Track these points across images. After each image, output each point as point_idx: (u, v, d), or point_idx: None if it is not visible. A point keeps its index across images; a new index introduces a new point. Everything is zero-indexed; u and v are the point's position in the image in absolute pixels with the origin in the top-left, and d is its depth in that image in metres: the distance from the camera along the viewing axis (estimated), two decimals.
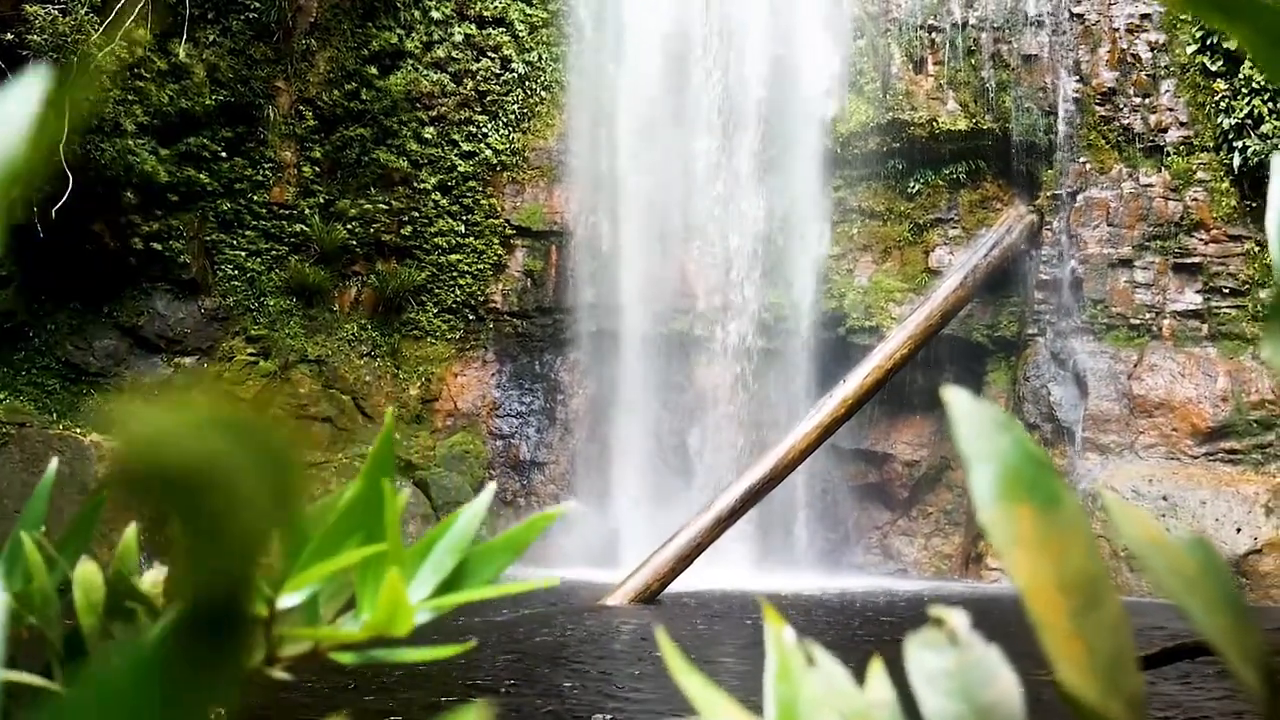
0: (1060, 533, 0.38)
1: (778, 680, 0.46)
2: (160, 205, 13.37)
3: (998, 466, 0.39)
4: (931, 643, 0.43)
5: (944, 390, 0.43)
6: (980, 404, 0.41)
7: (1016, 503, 0.39)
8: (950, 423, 0.41)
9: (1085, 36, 12.97)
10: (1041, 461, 0.39)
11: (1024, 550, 0.38)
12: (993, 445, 0.39)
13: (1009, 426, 0.40)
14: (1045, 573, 0.37)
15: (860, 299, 13.69)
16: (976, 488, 0.39)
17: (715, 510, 10.81)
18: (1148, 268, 12.55)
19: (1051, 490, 0.39)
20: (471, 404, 14.68)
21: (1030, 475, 0.39)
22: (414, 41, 14.53)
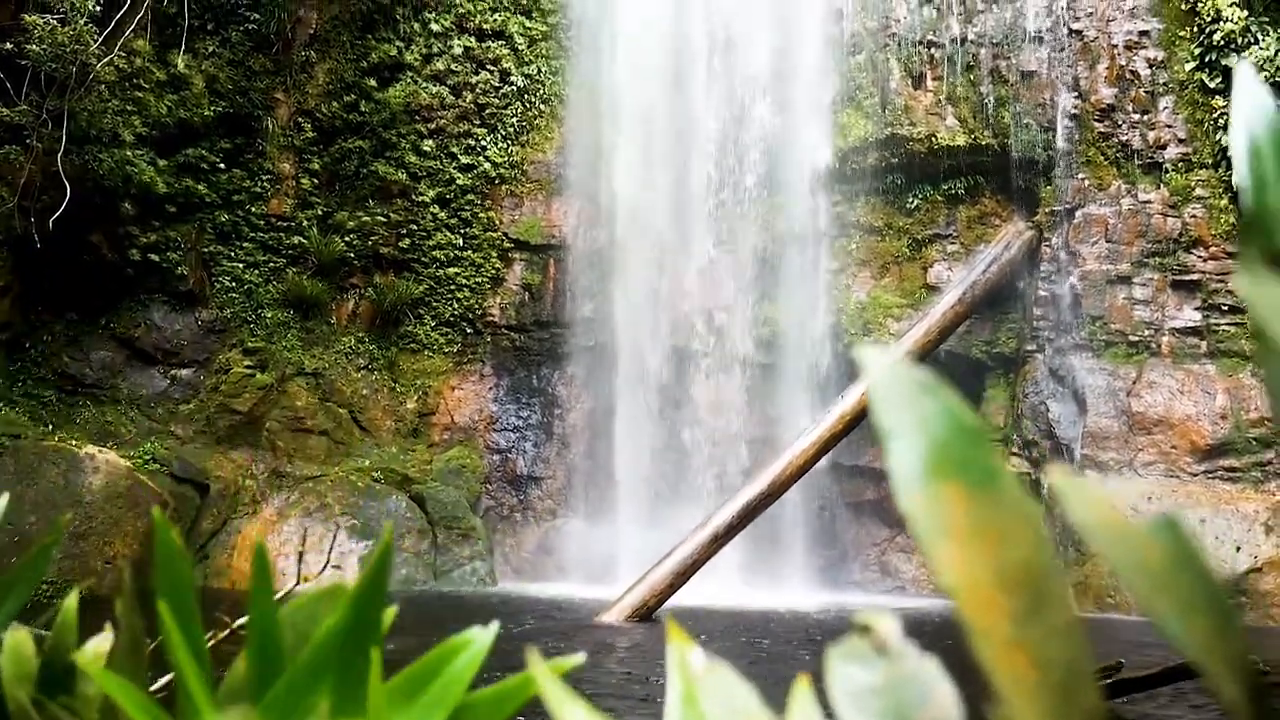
0: (999, 517, 0.32)
1: (683, 705, 0.40)
2: (158, 216, 13.33)
3: (922, 439, 0.33)
4: (857, 655, 0.36)
5: (860, 348, 0.37)
6: (900, 365, 0.35)
7: (944, 482, 0.33)
8: (867, 386, 0.35)
9: (1084, 53, 12.96)
10: (974, 432, 0.33)
11: (954, 540, 0.32)
12: (915, 414, 0.33)
13: (935, 391, 0.34)
14: (981, 567, 0.31)
15: (858, 314, 13.65)
16: (896, 465, 0.33)
17: (712, 526, 10.75)
18: (1146, 284, 12.50)
19: (986, 466, 0.33)
20: (469, 418, 14.62)
21: (961, 448, 0.33)
22: (413, 54, 14.53)
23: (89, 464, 10.82)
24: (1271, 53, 11.70)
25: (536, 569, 13.95)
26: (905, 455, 0.33)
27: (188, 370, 13.73)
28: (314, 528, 12.48)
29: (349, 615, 0.51)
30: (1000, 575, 0.31)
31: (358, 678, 0.50)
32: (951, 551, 0.32)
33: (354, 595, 0.53)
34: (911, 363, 0.35)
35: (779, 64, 13.77)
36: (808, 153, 13.71)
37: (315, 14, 14.27)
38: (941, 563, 0.32)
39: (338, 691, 0.50)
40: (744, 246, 13.85)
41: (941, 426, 0.34)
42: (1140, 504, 11.54)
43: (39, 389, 12.95)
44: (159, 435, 13.08)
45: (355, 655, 0.50)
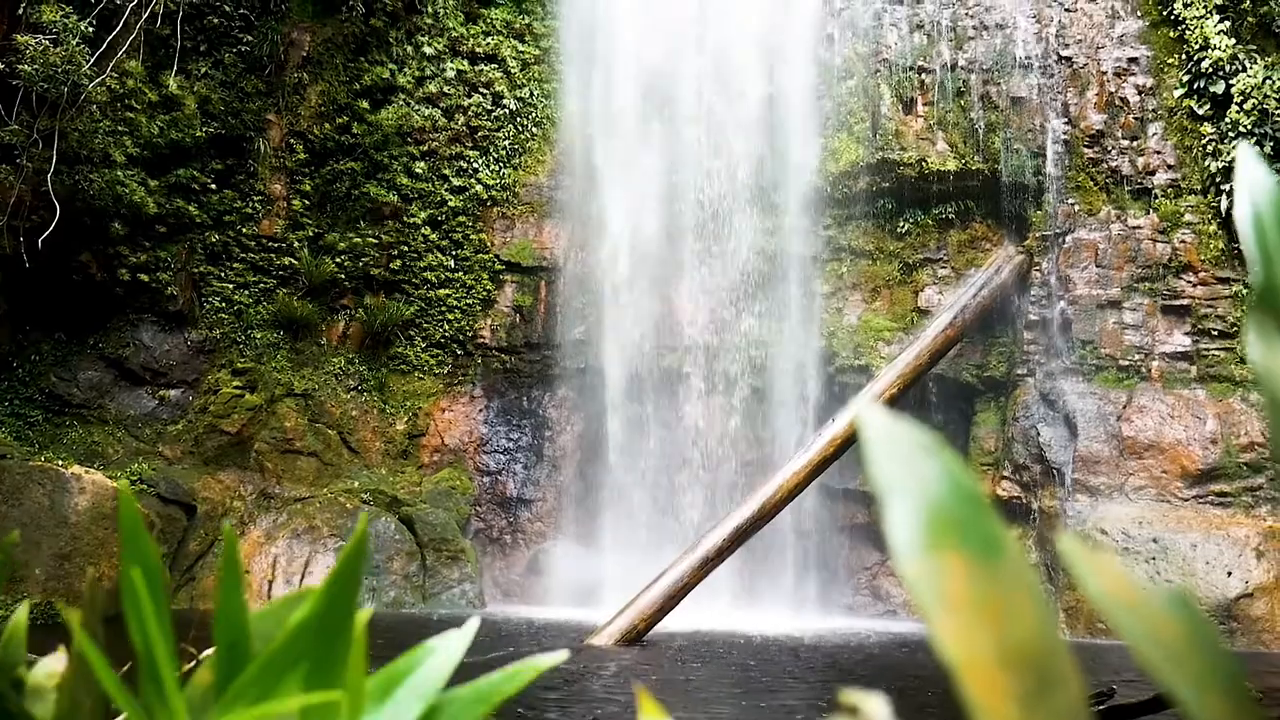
0: (1002, 591, 0.30)
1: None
2: (148, 236, 13.30)
3: (921, 502, 0.31)
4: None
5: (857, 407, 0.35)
6: (899, 425, 0.33)
7: (945, 550, 0.31)
8: (863, 446, 0.33)
9: (1073, 79, 13.05)
10: (975, 497, 0.31)
11: (955, 613, 0.30)
12: (914, 476, 0.31)
13: (935, 453, 0.32)
14: (983, 644, 0.28)
15: (849, 338, 13.66)
16: (893, 530, 0.31)
17: (702, 550, 10.69)
18: (1136, 309, 12.54)
19: (988, 535, 0.31)
20: (459, 440, 14.56)
21: (962, 515, 0.31)
22: (406, 76, 14.56)
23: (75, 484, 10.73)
24: (1259, 80, 11.79)
25: (526, 591, 13.87)
26: (903, 520, 0.31)
27: (176, 391, 13.66)
28: (302, 549, 12.40)
29: (322, 602, 0.49)
30: (1004, 653, 0.29)
31: (332, 666, 0.47)
32: (952, 625, 0.29)
33: (328, 583, 0.51)
34: (911, 424, 0.33)
35: (770, 88, 13.83)
36: (799, 176, 13.75)
37: (308, 36, 14.30)
38: (942, 636, 0.30)
39: (311, 681, 0.48)
40: (735, 269, 13.87)
41: (941, 490, 0.31)
42: (1131, 528, 11.52)
43: (26, 409, 12.86)
44: (146, 456, 13.00)
45: (329, 643, 0.48)
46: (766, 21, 13.81)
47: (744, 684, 7.54)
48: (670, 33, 13.98)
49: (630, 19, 13.98)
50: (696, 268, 13.97)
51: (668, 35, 13.97)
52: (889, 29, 13.69)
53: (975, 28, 13.45)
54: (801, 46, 13.84)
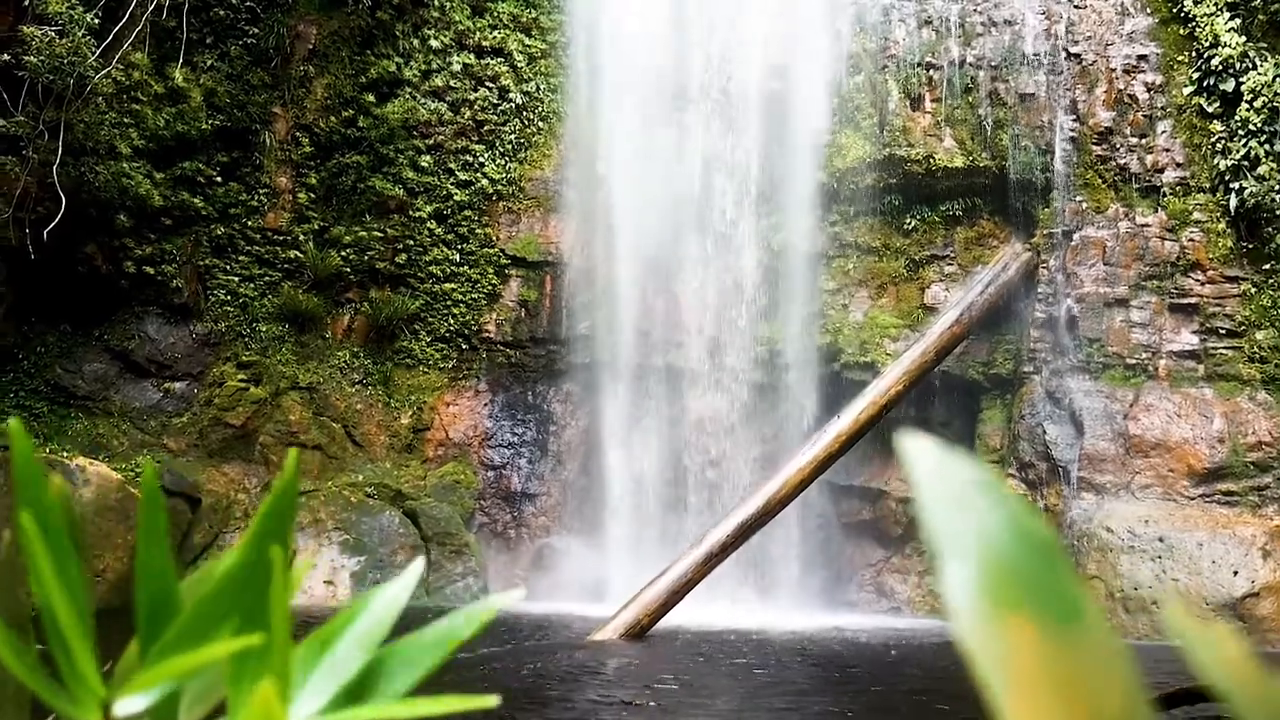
0: (1081, 663, 0.26)
1: None
2: (154, 229, 13.29)
3: (982, 555, 0.28)
4: None
5: (902, 440, 0.31)
6: (954, 458, 0.29)
7: (1013, 614, 0.27)
8: (912, 486, 0.30)
9: (1082, 76, 12.99)
10: (1048, 548, 0.27)
11: (1025, 691, 0.25)
12: (973, 524, 0.28)
13: (997, 494, 0.28)
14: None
15: (855, 334, 13.62)
16: (950, 588, 0.27)
17: (707, 545, 10.68)
18: (1144, 307, 12.49)
19: (1066, 594, 0.27)
20: (463, 434, 14.55)
21: (1033, 570, 0.27)
22: (412, 70, 14.53)
23: (80, 476, 10.74)
24: (1269, 78, 11.72)
25: (530, 586, 13.85)
26: (961, 577, 0.27)
27: (181, 383, 13.66)
28: (306, 543, 12.41)
29: (250, 548, 0.46)
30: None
31: (265, 616, 0.44)
32: (1023, 705, 0.25)
33: (254, 526, 0.48)
34: (964, 457, 0.30)
35: (776, 84, 13.78)
36: (805, 172, 13.71)
37: (314, 29, 14.27)
38: (1009, 715, 0.26)
39: (242, 632, 0.45)
40: (741, 265, 13.83)
41: (1006, 540, 0.28)
42: (1137, 527, 11.49)
43: (31, 401, 12.87)
44: (151, 448, 13.00)
45: (260, 592, 0.45)
46: (774, 16, 13.76)
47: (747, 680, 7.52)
48: (677, 27, 13.93)
49: (636, 13, 13.93)
50: (702, 263, 13.93)
51: (674, 29, 13.92)
52: (897, 25, 13.63)
53: (984, 24, 13.39)
54: (809, 42, 13.78)
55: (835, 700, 6.91)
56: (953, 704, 6.62)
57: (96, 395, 13.24)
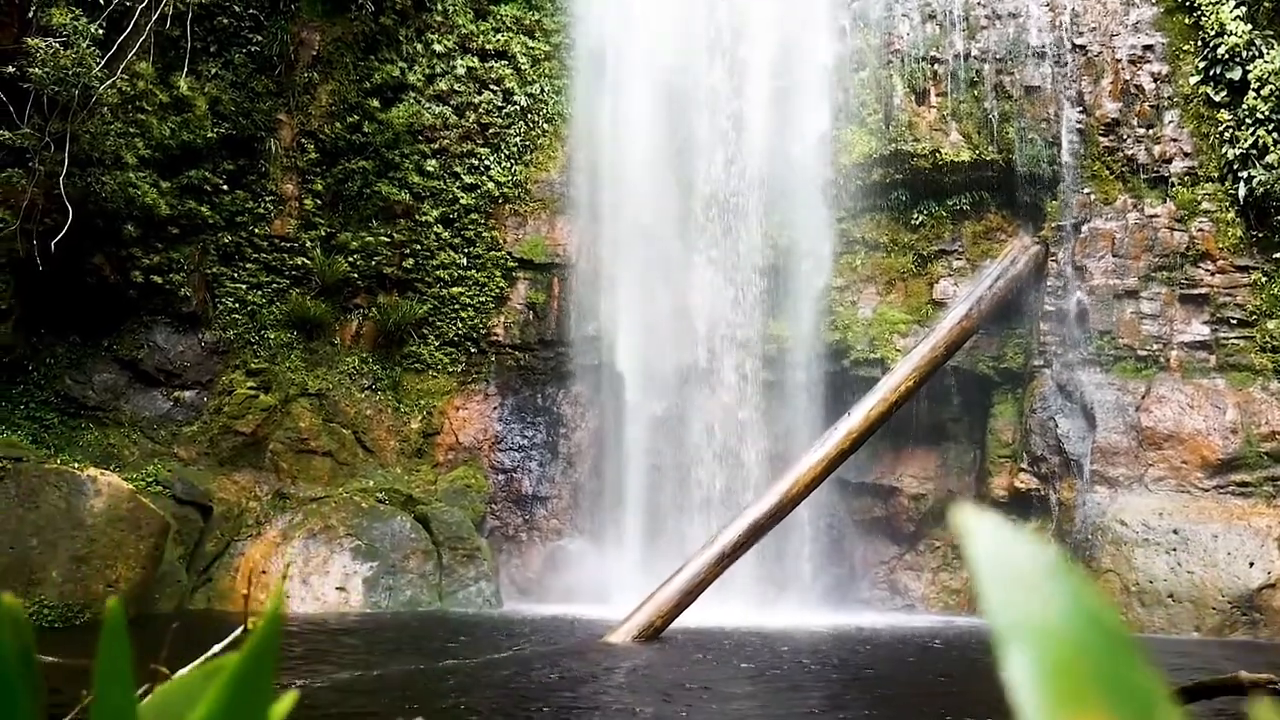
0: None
1: None
2: (161, 238, 13.31)
3: (1050, 647, 0.25)
4: None
5: (957, 513, 0.29)
6: (1017, 535, 0.26)
7: (1085, 713, 0.24)
8: (968, 566, 0.27)
9: (1088, 68, 12.92)
10: (1121, 639, 0.24)
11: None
12: (1038, 610, 0.26)
13: (1064, 578, 0.25)
14: None
15: (864, 331, 13.58)
16: (1016, 684, 0.25)
17: (719, 545, 10.65)
18: (1154, 299, 12.43)
19: (1141, 691, 0.25)
20: (473, 438, 14.55)
21: (1105, 664, 0.25)
22: (416, 74, 14.53)
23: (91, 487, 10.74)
24: (1277, 65, 11.65)
25: (542, 589, 13.85)
26: (1028, 671, 0.25)
27: (191, 392, 13.67)
28: (318, 549, 12.41)
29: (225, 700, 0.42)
30: None
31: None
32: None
33: (232, 675, 0.44)
34: (1026, 536, 0.27)
35: (781, 80, 13.75)
36: (812, 170, 13.67)
37: (318, 36, 14.27)
38: None
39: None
40: (749, 263, 13.80)
41: (1076, 630, 0.25)
42: (1151, 519, 11.43)
43: (41, 411, 12.89)
44: (162, 457, 13.02)
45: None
46: (778, 14, 13.73)
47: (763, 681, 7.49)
48: (681, 26, 13.90)
49: (640, 13, 13.91)
50: (710, 262, 13.90)
51: (678, 28, 13.89)
52: (900, 20, 13.59)
53: (988, 17, 13.33)
54: (813, 39, 13.75)
55: (858, 702, 6.88)
56: (967, 701, 6.58)
57: (107, 405, 13.26)
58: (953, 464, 13.79)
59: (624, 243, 14.07)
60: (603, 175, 14.24)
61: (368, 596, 12.14)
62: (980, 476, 13.47)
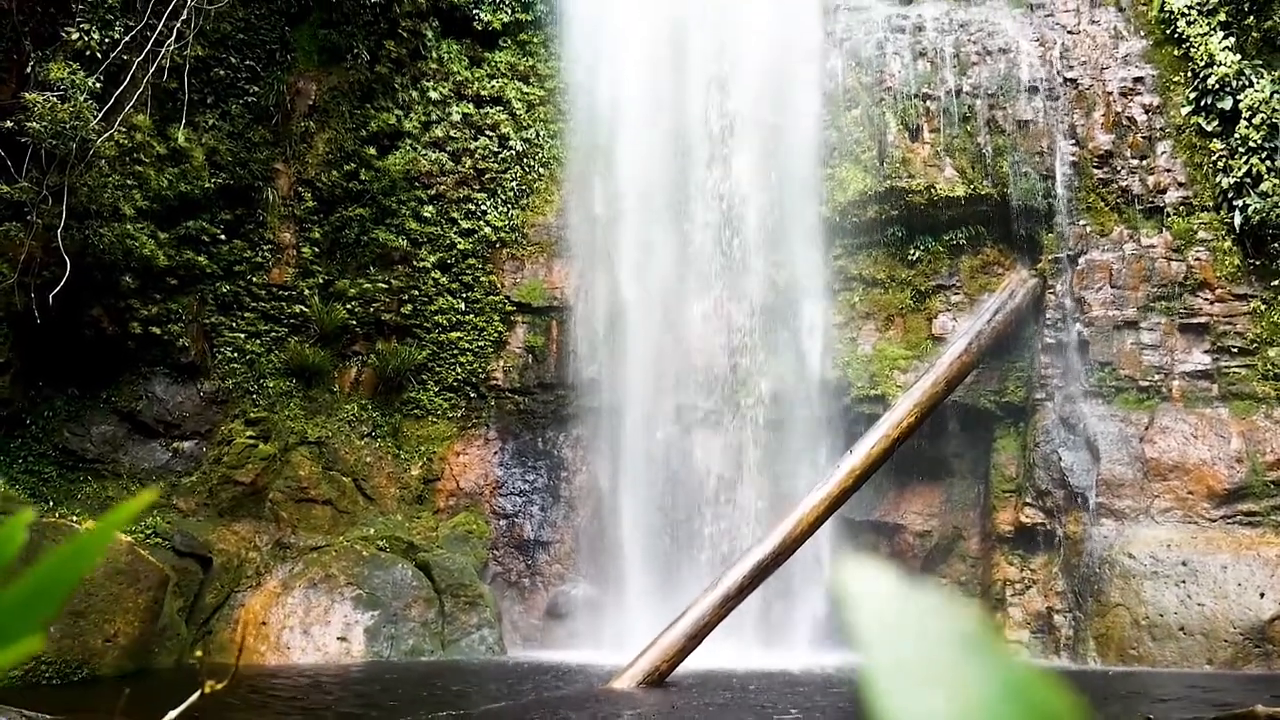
0: None
1: None
2: (159, 289, 13.32)
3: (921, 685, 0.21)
4: None
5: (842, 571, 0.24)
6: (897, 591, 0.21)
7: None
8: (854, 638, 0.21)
9: (1079, 101, 13.00)
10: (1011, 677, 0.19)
11: None
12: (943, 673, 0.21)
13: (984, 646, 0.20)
14: None
15: (864, 368, 13.54)
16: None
17: (723, 587, 10.54)
18: (1154, 329, 12.40)
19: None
20: (474, 483, 14.46)
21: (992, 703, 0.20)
22: (412, 121, 14.62)
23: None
24: (1267, 94, 11.71)
25: (546, 635, 13.70)
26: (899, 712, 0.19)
27: (190, 442, 13.61)
28: (319, 599, 12.28)
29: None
30: None
31: None
32: None
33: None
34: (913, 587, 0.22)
35: (775, 119, 13.82)
36: (807, 208, 13.71)
37: (314, 85, 14.38)
38: None
39: None
40: (747, 302, 13.79)
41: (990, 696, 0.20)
42: (1159, 551, 11.32)
43: (40, 465, 12.83)
44: (161, 509, 12.93)
45: None
46: (769, 55, 13.83)
47: None
48: (673, 68, 14.00)
49: (633, 53, 14.02)
50: (708, 302, 13.89)
51: (671, 72, 13.99)
52: (892, 58, 13.69)
53: (978, 53, 13.43)
54: (805, 78, 13.84)
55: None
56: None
57: (105, 457, 13.20)
58: (957, 500, 13.69)
59: (622, 284, 14.08)
60: (599, 218, 14.28)
61: (369, 646, 12.00)
62: (984, 512, 13.37)
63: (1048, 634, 12.19)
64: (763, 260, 13.81)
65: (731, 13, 13.92)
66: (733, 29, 13.91)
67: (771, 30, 13.85)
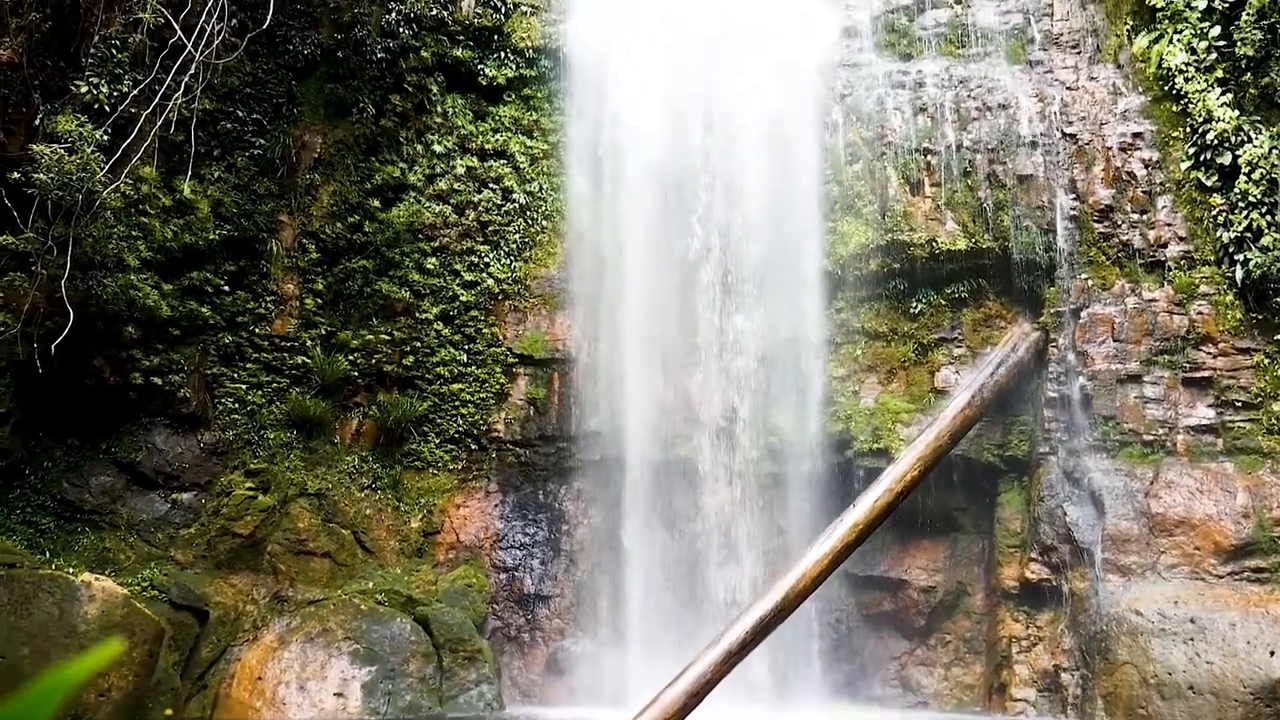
0: None
1: None
2: (161, 339, 13.33)
3: None
4: None
5: None
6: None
7: None
8: None
9: (1079, 156, 13.08)
10: None
11: None
12: None
13: None
14: None
15: (867, 421, 13.49)
16: None
17: (725, 644, 10.40)
18: (1157, 383, 12.36)
19: None
20: (474, 536, 14.36)
21: None
22: (416, 174, 14.73)
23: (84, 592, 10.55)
24: (1265, 150, 11.78)
25: (546, 691, 13.52)
26: None
27: (189, 494, 13.54)
28: (315, 653, 12.13)
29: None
30: None
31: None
32: None
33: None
34: None
35: (777, 173, 13.91)
36: (808, 261, 13.75)
37: (320, 138, 14.51)
38: None
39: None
40: (749, 355, 13.78)
41: None
42: (1167, 608, 11.17)
43: (37, 516, 12.75)
44: (158, 561, 12.82)
45: None
46: (771, 109, 13.95)
47: None
48: (676, 123, 14.12)
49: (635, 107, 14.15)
50: (709, 353, 13.89)
51: (673, 125, 14.11)
52: (893, 113, 13.80)
53: (978, 108, 13.55)
54: (806, 133, 13.95)
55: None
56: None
57: (104, 509, 13.12)
58: (961, 555, 13.56)
59: (624, 337, 14.08)
60: (602, 270, 14.32)
61: (366, 702, 11.83)
62: (989, 567, 13.24)
63: (1055, 693, 12.00)
64: (765, 313, 13.82)
65: (733, 69, 14.07)
66: (734, 85, 14.05)
67: (772, 86, 13.99)
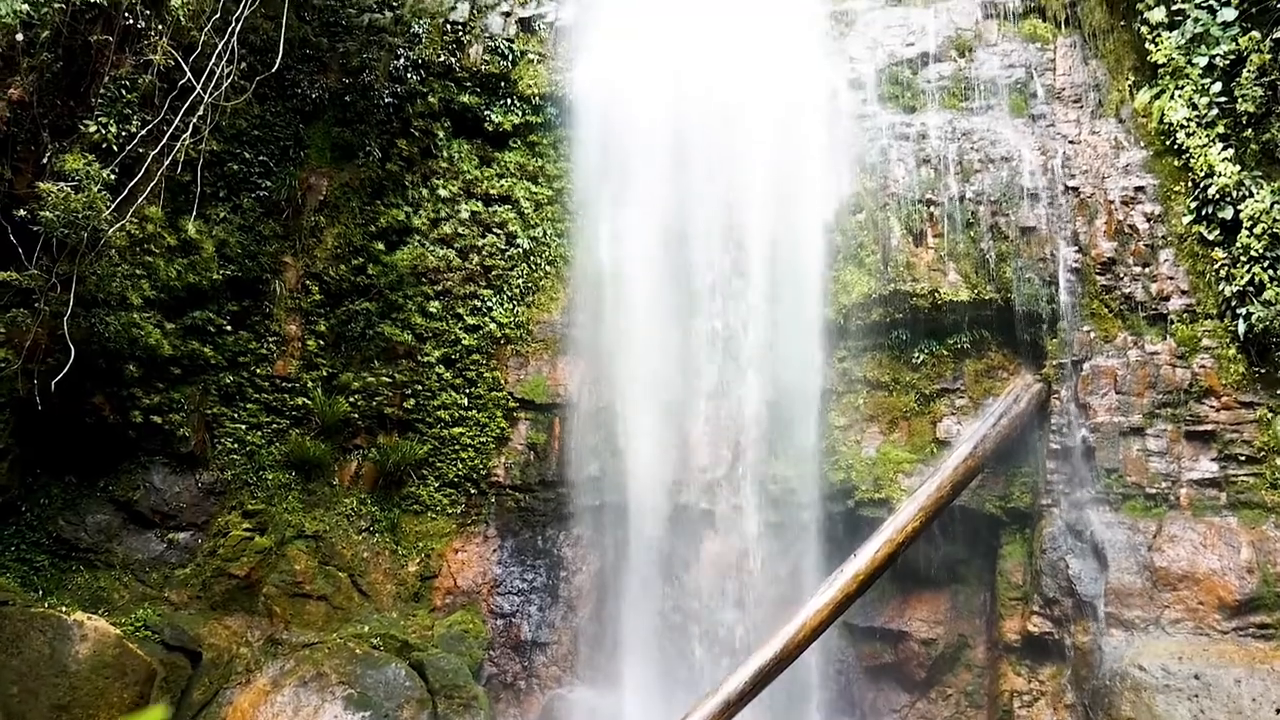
0: None
1: None
2: (162, 378, 13.32)
3: None
4: None
5: None
6: None
7: None
8: None
9: (1081, 208, 13.15)
10: None
11: None
12: None
13: None
14: None
15: (868, 471, 13.43)
16: None
17: (723, 694, 10.29)
18: (1160, 435, 12.31)
19: None
20: (472, 581, 14.24)
21: None
22: (421, 218, 14.81)
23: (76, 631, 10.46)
24: (1267, 205, 11.83)
25: None
26: None
27: (185, 534, 13.45)
28: (309, 698, 11.98)
29: None
30: None
31: None
32: None
33: None
34: None
35: (780, 222, 13.98)
36: (811, 311, 13.77)
37: (325, 181, 14.61)
38: None
39: None
40: (750, 403, 13.75)
41: None
42: (1171, 664, 11.04)
43: (32, 554, 12.66)
44: (152, 601, 12.71)
45: None
46: (775, 158, 14.05)
47: None
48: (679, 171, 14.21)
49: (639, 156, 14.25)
50: (711, 401, 13.86)
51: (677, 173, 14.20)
52: (896, 164, 13.90)
53: (981, 161, 13.64)
54: (810, 183, 14.03)
55: None
56: None
57: (99, 547, 13.03)
58: (963, 607, 13.43)
59: (625, 383, 14.07)
60: (604, 316, 14.34)
61: None
62: (991, 620, 13.10)
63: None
64: (766, 361, 13.82)
65: (738, 117, 14.19)
66: (738, 134, 14.17)
67: (776, 135, 14.10)
